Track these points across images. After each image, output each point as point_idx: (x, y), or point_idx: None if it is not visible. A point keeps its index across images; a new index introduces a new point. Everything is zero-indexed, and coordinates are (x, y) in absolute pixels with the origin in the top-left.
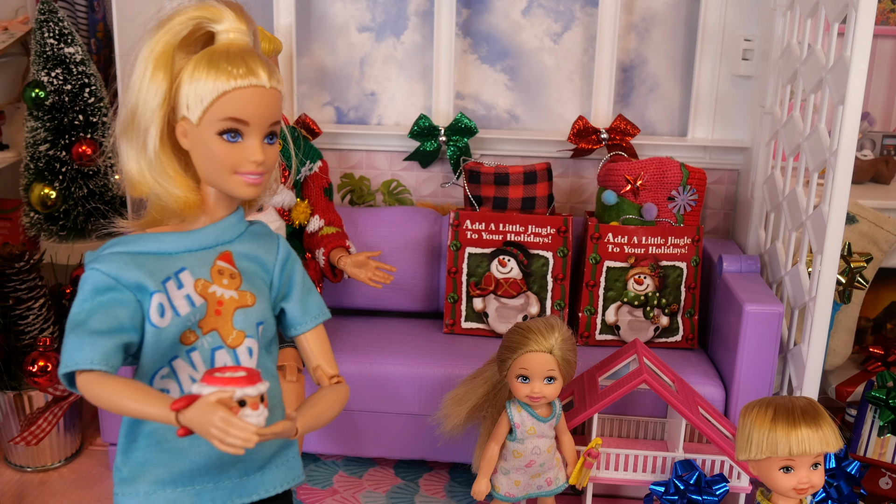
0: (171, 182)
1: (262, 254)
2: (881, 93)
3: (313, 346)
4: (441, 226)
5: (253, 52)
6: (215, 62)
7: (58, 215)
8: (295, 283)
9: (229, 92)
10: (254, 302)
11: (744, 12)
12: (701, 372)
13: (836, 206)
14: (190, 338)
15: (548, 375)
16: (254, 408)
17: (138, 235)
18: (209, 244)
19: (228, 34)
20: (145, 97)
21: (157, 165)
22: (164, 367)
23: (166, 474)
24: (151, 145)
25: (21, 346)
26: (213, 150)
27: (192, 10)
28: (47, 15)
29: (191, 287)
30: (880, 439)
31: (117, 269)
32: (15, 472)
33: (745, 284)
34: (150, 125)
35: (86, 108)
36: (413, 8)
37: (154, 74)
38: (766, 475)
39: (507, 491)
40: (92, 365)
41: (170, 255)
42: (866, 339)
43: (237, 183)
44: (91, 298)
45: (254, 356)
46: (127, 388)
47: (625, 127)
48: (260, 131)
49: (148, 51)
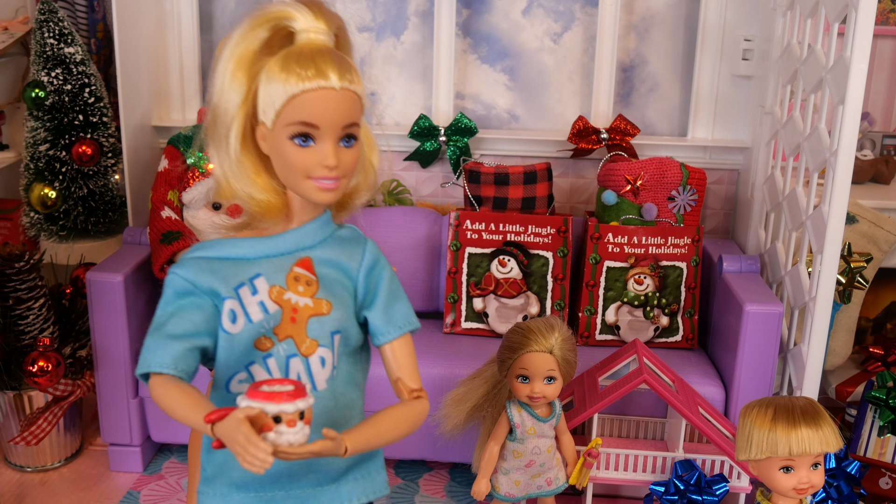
0: (252, 186)
1: (345, 260)
2: (881, 93)
3: (396, 358)
4: (441, 226)
5: (328, 53)
6: (287, 64)
7: (58, 215)
8: (380, 291)
9: (298, 95)
10: (329, 310)
11: (744, 12)
12: (701, 372)
13: (836, 206)
14: (266, 344)
15: (548, 375)
16: (290, 425)
17: (220, 240)
18: (288, 250)
19: (307, 34)
20: (226, 99)
21: (238, 168)
22: (242, 371)
23: (240, 478)
24: (232, 148)
25: (21, 346)
26: (286, 155)
27: (272, 11)
28: (47, 15)
29: (265, 293)
30: (880, 439)
31: (194, 274)
32: (15, 472)
33: (745, 284)
34: (231, 127)
35: (86, 108)
36: (413, 8)
37: (234, 76)
38: (766, 475)
39: (507, 491)
40: (161, 368)
41: (247, 260)
42: (866, 339)
43: (311, 188)
44: (171, 302)
45: (327, 366)
46: (179, 394)
47: (625, 127)
48: (332, 134)
49: (229, 51)
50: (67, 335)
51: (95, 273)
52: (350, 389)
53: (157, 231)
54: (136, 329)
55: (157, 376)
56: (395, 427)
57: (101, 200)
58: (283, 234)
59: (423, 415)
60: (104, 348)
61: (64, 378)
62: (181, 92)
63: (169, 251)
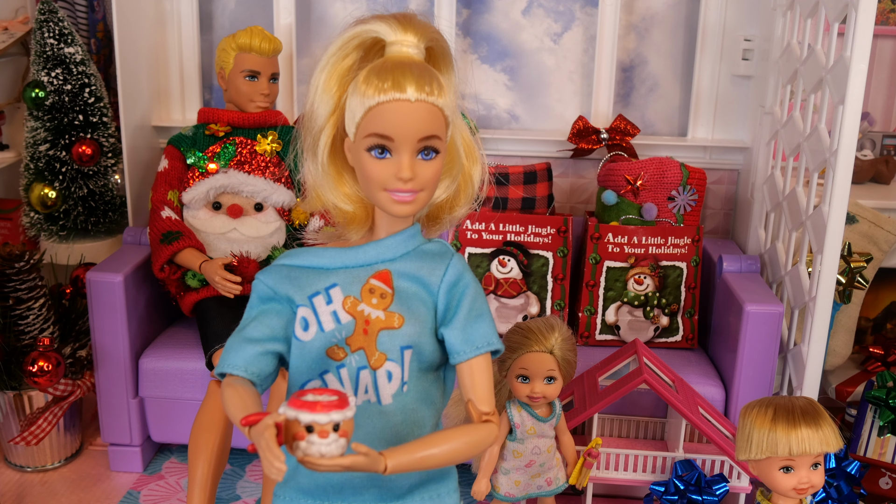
0: (338, 196)
1: (426, 275)
2: (881, 93)
3: (470, 378)
4: None
5: (409, 65)
6: (369, 77)
7: (58, 215)
8: (461, 309)
9: (374, 107)
10: (401, 324)
11: (744, 12)
12: (701, 372)
13: (836, 206)
14: (339, 354)
15: (548, 375)
16: (322, 435)
17: (306, 248)
18: (367, 262)
19: (395, 47)
20: (317, 109)
21: (325, 179)
22: (315, 379)
23: (308, 484)
24: (321, 158)
25: (21, 346)
26: (364, 167)
27: (365, 23)
28: (47, 15)
29: (339, 304)
30: (880, 439)
31: (275, 281)
32: (15, 472)
33: (745, 284)
34: (320, 136)
35: (86, 108)
36: (413, 8)
37: (326, 86)
38: (766, 475)
39: (507, 491)
40: (231, 369)
41: (326, 270)
42: (866, 339)
43: (386, 200)
44: (256, 307)
45: (394, 380)
46: (235, 397)
47: (625, 127)
48: (408, 147)
49: (324, 62)
50: (67, 335)
51: (95, 273)
52: (422, 407)
53: (157, 231)
54: (136, 329)
55: (228, 377)
56: (451, 449)
57: (101, 200)
58: (363, 245)
59: (488, 440)
60: (104, 348)
61: (64, 378)
62: (181, 92)
63: (169, 251)
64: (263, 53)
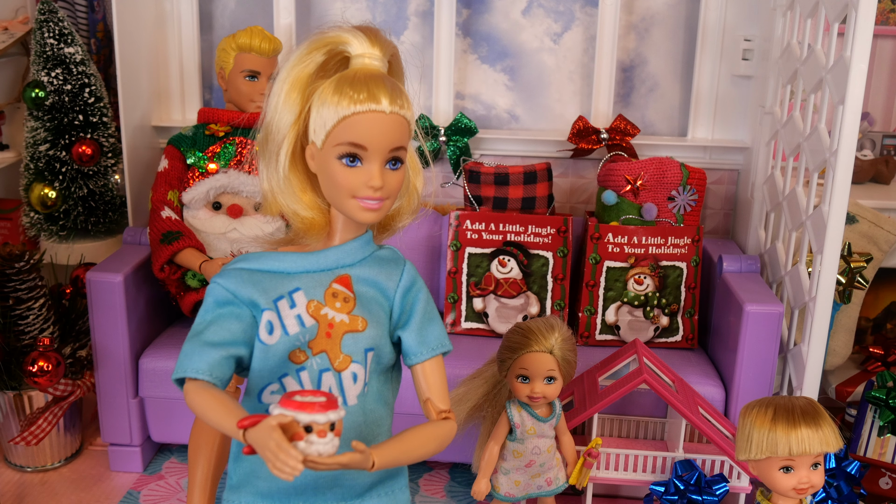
0: (298, 203)
1: (383, 279)
2: (881, 93)
3: (427, 378)
4: (441, 226)
5: (380, 78)
6: (340, 87)
7: (58, 215)
8: (416, 312)
9: (349, 117)
10: (364, 327)
11: (744, 12)
12: (701, 372)
13: (836, 206)
14: (300, 357)
15: (548, 375)
16: (320, 435)
17: (262, 253)
18: (328, 266)
19: (361, 59)
20: (279, 118)
21: (285, 185)
22: (274, 383)
23: (266, 488)
24: (282, 165)
25: (21, 346)
26: (333, 174)
27: (328, 36)
28: (47, 15)
29: (303, 307)
30: (880, 439)
31: (235, 285)
32: (15, 472)
33: (745, 284)
34: (282, 145)
35: (86, 108)
36: (413, 8)
37: (288, 96)
38: (766, 475)
39: (507, 491)
40: (196, 374)
41: (288, 274)
42: (866, 339)
43: (355, 207)
44: (211, 310)
45: (358, 382)
46: (213, 401)
47: (625, 127)
48: (380, 156)
49: (286, 72)
50: (67, 335)
51: (95, 273)
52: (379, 406)
53: (157, 231)
54: (136, 329)
55: (193, 382)
56: (423, 445)
57: (101, 200)
58: (324, 250)
59: (451, 435)
60: (104, 348)
61: (64, 378)
62: (181, 92)
63: (169, 251)
64: (263, 53)
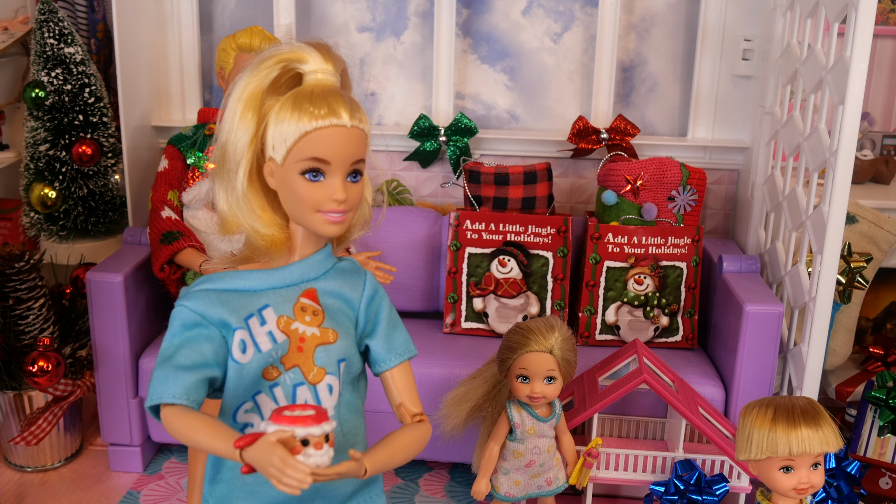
0: (258, 220)
1: (348, 291)
2: (881, 93)
3: (397, 384)
4: (441, 226)
5: (336, 93)
6: (299, 103)
7: (58, 215)
8: (381, 320)
9: (311, 132)
10: (335, 339)
11: (744, 12)
12: (701, 372)
13: (836, 206)
14: (272, 374)
15: (548, 375)
16: (317, 447)
17: (226, 273)
18: (294, 281)
19: (315, 75)
20: (235, 137)
21: (244, 203)
22: (248, 401)
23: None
24: (240, 184)
25: (21, 346)
26: (296, 190)
27: (281, 53)
28: (47, 15)
29: (273, 324)
30: (880, 439)
31: (203, 306)
32: (15, 472)
33: (745, 284)
34: (239, 164)
35: (86, 108)
36: (413, 8)
37: (243, 115)
38: (766, 475)
39: (507, 491)
40: (173, 399)
41: (254, 292)
42: (866, 339)
43: (320, 221)
44: (179, 334)
45: (334, 393)
46: (200, 423)
47: (625, 127)
48: (342, 170)
49: (239, 92)
50: (67, 335)
51: (95, 273)
52: (353, 416)
53: (157, 231)
54: (136, 329)
55: (170, 407)
56: (406, 449)
57: (101, 200)
58: (288, 266)
59: (428, 437)
60: (104, 348)
61: (64, 378)
62: (181, 92)
63: (169, 251)
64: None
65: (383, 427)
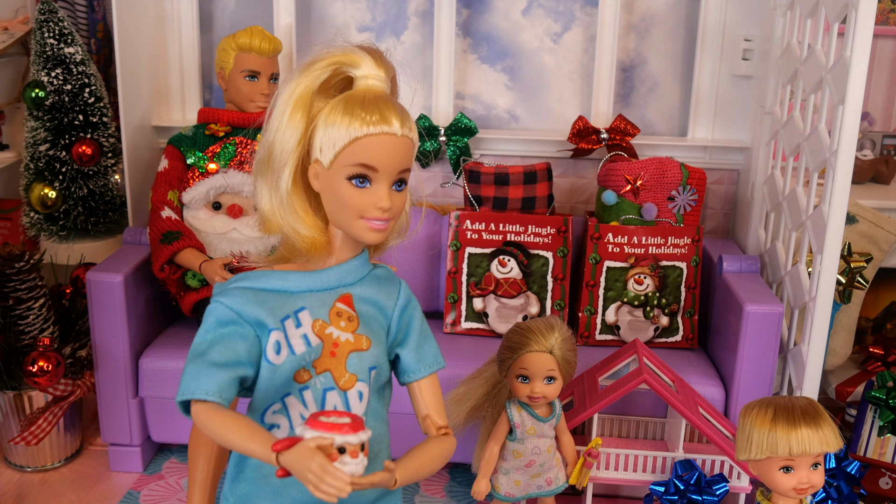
0: (299, 222)
1: (383, 298)
2: (881, 93)
3: (425, 396)
4: (441, 226)
5: (388, 100)
6: (350, 108)
7: (58, 215)
8: (412, 330)
9: (361, 138)
10: (369, 346)
11: (744, 12)
12: (701, 372)
13: (836, 206)
14: (304, 376)
15: (548, 375)
16: (353, 456)
17: (264, 272)
18: (331, 285)
19: (367, 80)
20: (283, 138)
21: (287, 205)
22: (277, 402)
23: None
24: (284, 185)
25: (21, 346)
26: (341, 194)
27: (333, 56)
28: (47, 15)
29: (308, 327)
30: (880, 439)
31: (240, 304)
32: (15, 472)
33: (745, 284)
34: (286, 165)
35: (86, 108)
36: (413, 8)
37: (292, 116)
38: (766, 475)
39: (507, 491)
40: (206, 396)
41: (292, 293)
42: (866, 339)
43: (362, 227)
44: (213, 330)
45: (364, 400)
46: (234, 423)
47: (625, 127)
48: (389, 178)
49: (289, 93)
50: (67, 335)
51: (95, 273)
52: (378, 424)
53: (157, 231)
54: (136, 329)
55: (202, 404)
56: (432, 462)
57: (101, 200)
58: (326, 269)
59: (453, 451)
60: (104, 348)
61: (64, 378)
62: (181, 92)
63: (169, 251)
64: (263, 53)
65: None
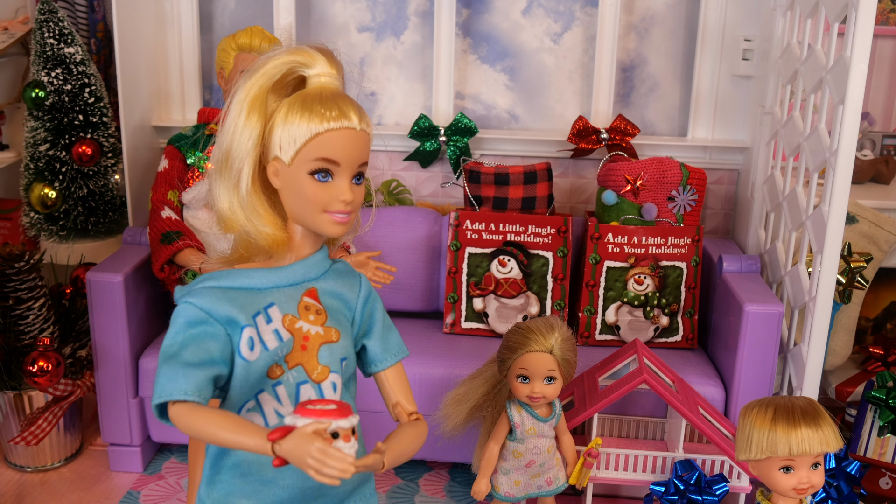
0: (260, 220)
1: (346, 291)
2: (881, 93)
3: (392, 384)
4: (441, 226)
5: (345, 96)
6: (309, 105)
7: (58, 215)
8: (376, 321)
9: (322, 133)
10: (338, 338)
11: (744, 12)
12: (701, 372)
13: (836, 206)
14: (276, 372)
15: (548, 375)
16: (346, 440)
17: (228, 271)
18: (296, 280)
19: (320, 78)
20: (240, 138)
21: (248, 204)
22: (251, 399)
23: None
24: (244, 184)
25: (21, 346)
26: (304, 190)
27: (286, 56)
28: (47, 15)
29: (279, 322)
30: (880, 439)
31: (210, 304)
32: (15, 472)
33: (745, 284)
34: (244, 165)
35: (86, 108)
36: (413, 8)
37: (248, 117)
38: (766, 475)
39: (507, 491)
40: (185, 396)
41: (259, 290)
42: (866, 339)
43: (326, 221)
44: (184, 331)
45: (337, 391)
46: (221, 418)
47: (625, 127)
48: (349, 171)
49: (243, 94)
50: (67, 335)
51: (95, 273)
52: None
53: (157, 231)
54: (136, 329)
55: (182, 405)
56: (412, 444)
57: (101, 200)
58: (290, 265)
59: (426, 434)
60: (104, 348)
61: (64, 378)
62: (181, 92)
63: (169, 251)
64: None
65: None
